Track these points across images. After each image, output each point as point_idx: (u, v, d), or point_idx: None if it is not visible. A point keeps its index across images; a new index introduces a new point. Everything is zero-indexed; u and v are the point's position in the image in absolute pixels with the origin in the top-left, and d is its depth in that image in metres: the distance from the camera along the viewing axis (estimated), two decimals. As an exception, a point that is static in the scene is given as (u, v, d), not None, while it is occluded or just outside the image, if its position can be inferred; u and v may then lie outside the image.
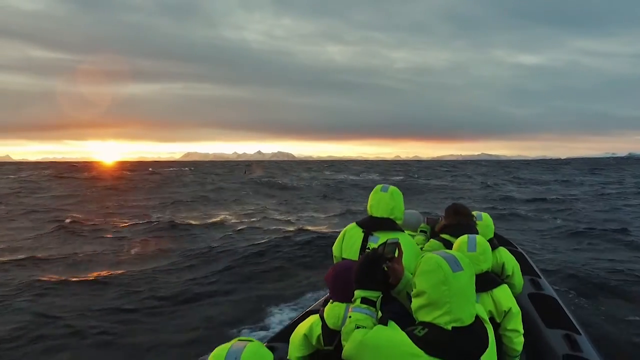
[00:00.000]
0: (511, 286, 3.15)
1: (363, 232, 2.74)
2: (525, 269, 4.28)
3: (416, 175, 49.44)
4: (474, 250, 2.72)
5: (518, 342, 2.72)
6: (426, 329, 1.57)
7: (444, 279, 1.57)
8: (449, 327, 1.55)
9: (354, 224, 2.85)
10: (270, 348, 2.01)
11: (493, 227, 3.55)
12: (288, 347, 2.24)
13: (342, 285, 2.06)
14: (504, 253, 3.46)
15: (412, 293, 1.68)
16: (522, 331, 2.74)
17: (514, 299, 2.80)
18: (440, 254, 1.64)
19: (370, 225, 2.76)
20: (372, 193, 2.83)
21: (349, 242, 2.78)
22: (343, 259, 2.74)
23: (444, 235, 3.29)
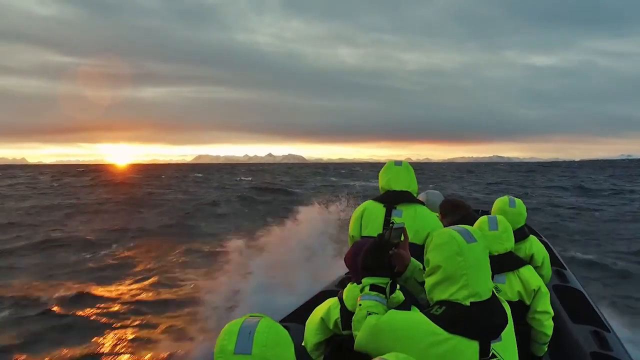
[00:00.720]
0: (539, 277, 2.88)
1: (384, 206, 2.71)
2: (551, 259, 3.68)
3: (431, 185, 45.33)
4: (496, 229, 2.65)
5: (549, 325, 2.59)
6: (443, 307, 1.51)
7: (458, 249, 1.51)
8: (467, 303, 1.49)
9: (371, 200, 2.83)
10: (284, 328, 1.51)
11: (525, 215, 3.23)
12: (301, 328, 2.22)
13: None
14: (534, 242, 3.25)
15: (424, 273, 1.63)
16: (552, 313, 2.61)
17: (540, 278, 2.69)
18: (452, 228, 1.60)
19: (392, 198, 2.73)
20: (384, 169, 2.84)
21: (369, 218, 2.73)
22: (362, 237, 2.68)
23: None
